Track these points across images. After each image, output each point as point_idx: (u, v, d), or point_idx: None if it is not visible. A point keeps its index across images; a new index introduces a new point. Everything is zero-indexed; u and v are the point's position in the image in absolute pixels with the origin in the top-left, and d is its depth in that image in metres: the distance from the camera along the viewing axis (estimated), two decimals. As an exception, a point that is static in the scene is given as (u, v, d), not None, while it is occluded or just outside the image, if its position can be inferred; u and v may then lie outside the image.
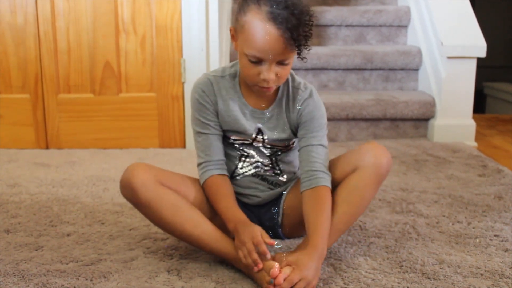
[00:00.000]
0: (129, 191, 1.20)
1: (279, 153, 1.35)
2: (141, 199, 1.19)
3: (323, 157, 1.27)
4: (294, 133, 1.33)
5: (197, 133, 1.32)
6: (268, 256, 1.11)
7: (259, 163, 1.35)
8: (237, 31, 1.21)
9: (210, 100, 1.30)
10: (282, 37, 1.13)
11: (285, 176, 1.37)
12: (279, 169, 1.36)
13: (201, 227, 1.22)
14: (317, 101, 1.31)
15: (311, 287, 1.10)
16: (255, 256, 1.12)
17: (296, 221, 1.34)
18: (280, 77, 1.20)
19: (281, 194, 1.38)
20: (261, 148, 1.34)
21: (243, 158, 1.35)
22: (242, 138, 1.33)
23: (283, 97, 1.31)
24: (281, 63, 1.18)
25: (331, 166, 1.30)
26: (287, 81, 1.31)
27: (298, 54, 1.17)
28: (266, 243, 1.13)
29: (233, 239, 1.21)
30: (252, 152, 1.34)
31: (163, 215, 1.21)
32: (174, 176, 1.29)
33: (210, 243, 1.22)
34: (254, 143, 1.33)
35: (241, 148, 1.34)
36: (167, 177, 1.26)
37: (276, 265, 1.10)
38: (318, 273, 1.13)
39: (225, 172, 1.32)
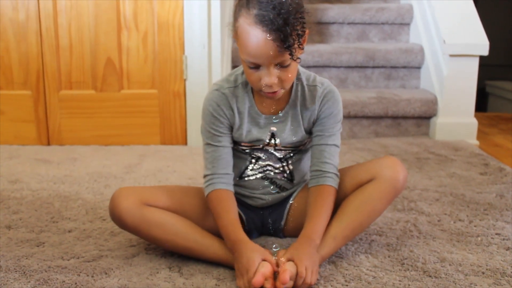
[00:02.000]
0: (116, 218, 1.22)
1: (291, 154, 1.33)
2: (128, 224, 1.21)
3: (335, 158, 1.28)
4: (308, 132, 1.31)
5: (207, 144, 1.29)
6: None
7: (269, 167, 1.34)
8: (236, 38, 1.19)
9: (226, 114, 1.27)
10: (270, 39, 1.09)
11: (294, 181, 1.36)
12: (290, 173, 1.35)
13: (191, 238, 1.22)
14: (336, 95, 1.29)
15: (314, 271, 1.12)
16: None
17: (299, 226, 1.34)
18: (284, 80, 1.16)
19: (286, 198, 1.37)
20: (272, 151, 1.32)
21: (253, 161, 1.34)
22: (253, 145, 1.31)
23: (297, 98, 1.28)
24: (280, 66, 1.14)
25: (346, 172, 1.30)
26: (300, 80, 1.28)
27: (290, 55, 1.12)
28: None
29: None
30: (263, 156, 1.33)
31: (153, 235, 1.22)
32: (163, 192, 1.28)
33: (203, 252, 1.22)
34: (266, 147, 1.32)
35: (252, 153, 1.33)
36: (154, 195, 1.25)
37: (282, 265, 1.10)
38: (316, 258, 1.15)
39: (230, 188, 1.29)
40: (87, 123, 2.40)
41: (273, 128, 1.30)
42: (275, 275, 1.11)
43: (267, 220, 1.38)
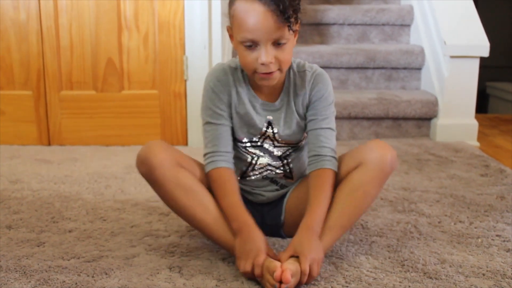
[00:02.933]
0: (146, 169, 1.21)
1: (290, 151, 1.34)
2: (158, 178, 1.20)
3: (331, 141, 1.28)
4: (303, 118, 1.31)
5: (207, 123, 1.29)
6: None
7: (270, 166, 1.34)
8: (231, 25, 1.21)
9: (225, 90, 1.28)
10: (269, 11, 1.12)
11: (294, 179, 1.37)
12: (290, 172, 1.35)
13: (212, 215, 1.22)
14: (325, 78, 1.30)
15: (320, 262, 1.13)
16: (259, 271, 1.11)
17: (298, 221, 1.33)
18: (281, 61, 1.18)
19: (285, 193, 1.38)
20: (271, 149, 1.32)
21: (254, 161, 1.34)
22: (252, 139, 1.31)
23: (290, 85, 1.29)
24: (277, 43, 1.16)
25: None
26: (292, 70, 1.30)
27: (289, 27, 1.15)
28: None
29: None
30: (263, 155, 1.33)
31: (177, 197, 1.21)
32: (192, 161, 1.29)
33: (217, 232, 1.22)
34: (264, 143, 1.32)
35: (252, 151, 1.33)
36: (185, 160, 1.26)
37: (279, 267, 1.09)
38: (319, 246, 1.15)
39: (231, 166, 1.29)
40: (87, 123, 2.40)
41: (269, 117, 1.30)
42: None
43: (267, 217, 1.38)
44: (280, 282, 1.07)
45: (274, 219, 1.38)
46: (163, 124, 2.40)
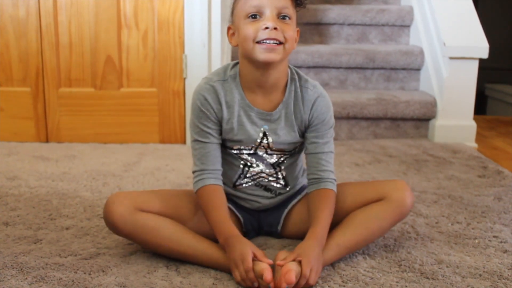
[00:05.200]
0: (109, 225, 1.23)
1: (283, 159, 1.33)
2: (122, 231, 1.22)
3: (331, 164, 1.30)
4: (301, 135, 1.30)
5: (195, 141, 1.28)
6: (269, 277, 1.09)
7: (262, 174, 1.33)
8: (233, 15, 1.22)
9: (213, 108, 1.26)
10: None
11: (289, 186, 1.36)
12: (283, 179, 1.35)
13: (185, 243, 1.21)
14: (327, 100, 1.29)
15: (318, 272, 1.13)
16: (251, 275, 1.10)
17: (296, 233, 1.35)
18: (286, 33, 1.17)
19: (283, 202, 1.37)
20: (265, 156, 1.31)
21: (246, 169, 1.32)
22: (245, 147, 1.30)
23: (290, 97, 1.27)
24: (282, 17, 1.17)
25: (351, 188, 1.32)
26: (294, 80, 1.28)
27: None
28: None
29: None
30: (255, 162, 1.32)
31: (147, 240, 1.22)
32: (157, 196, 1.28)
33: (197, 256, 1.21)
34: (258, 150, 1.30)
35: (244, 157, 1.31)
36: (148, 200, 1.25)
37: (268, 269, 1.09)
38: (321, 260, 1.16)
39: (220, 183, 1.28)
40: (86, 120, 2.40)
41: (266, 127, 1.28)
42: (273, 272, 1.11)
43: (264, 224, 1.38)
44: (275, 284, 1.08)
45: (270, 227, 1.38)
46: (161, 122, 2.40)
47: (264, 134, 1.28)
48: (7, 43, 2.35)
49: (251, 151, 1.30)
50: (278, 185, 1.35)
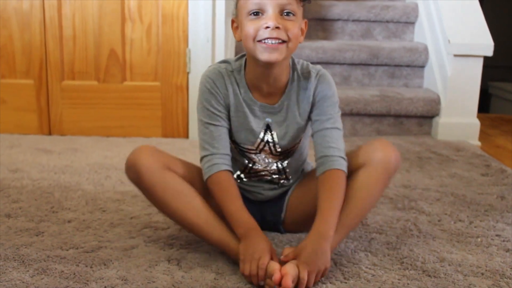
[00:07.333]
0: (134, 174, 1.19)
1: (287, 162, 1.32)
2: (146, 183, 1.19)
3: (338, 141, 1.24)
4: (305, 123, 1.28)
5: (205, 124, 1.25)
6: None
7: (265, 172, 1.33)
8: (236, 8, 1.19)
9: (222, 91, 1.24)
10: None
11: (291, 180, 1.36)
12: (286, 175, 1.34)
13: (204, 217, 1.20)
14: (329, 78, 1.27)
15: (324, 272, 1.11)
16: (262, 273, 1.09)
17: (299, 219, 1.33)
18: (289, 31, 1.14)
19: (286, 191, 1.37)
20: (268, 160, 1.31)
21: (250, 165, 1.32)
22: (248, 147, 1.29)
23: (292, 88, 1.26)
24: (285, 13, 1.14)
25: None
26: (296, 72, 1.27)
27: None
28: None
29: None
30: (259, 161, 1.31)
31: (166, 201, 1.20)
32: (180, 163, 1.27)
33: (211, 234, 1.20)
34: (262, 153, 1.29)
35: (248, 155, 1.31)
36: (174, 162, 1.24)
37: (277, 269, 1.08)
38: (326, 256, 1.12)
39: (231, 169, 1.26)
40: (89, 113, 2.40)
41: (268, 119, 1.27)
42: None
43: (267, 214, 1.37)
44: (280, 285, 1.06)
45: (274, 216, 1.37)
46: (164, 116, 2.40)
47: (267, 128, 1.27)
48: (11, 35, 2.34)
49: (255, 151, 1.30)
50: (282, 180, 1.35)
